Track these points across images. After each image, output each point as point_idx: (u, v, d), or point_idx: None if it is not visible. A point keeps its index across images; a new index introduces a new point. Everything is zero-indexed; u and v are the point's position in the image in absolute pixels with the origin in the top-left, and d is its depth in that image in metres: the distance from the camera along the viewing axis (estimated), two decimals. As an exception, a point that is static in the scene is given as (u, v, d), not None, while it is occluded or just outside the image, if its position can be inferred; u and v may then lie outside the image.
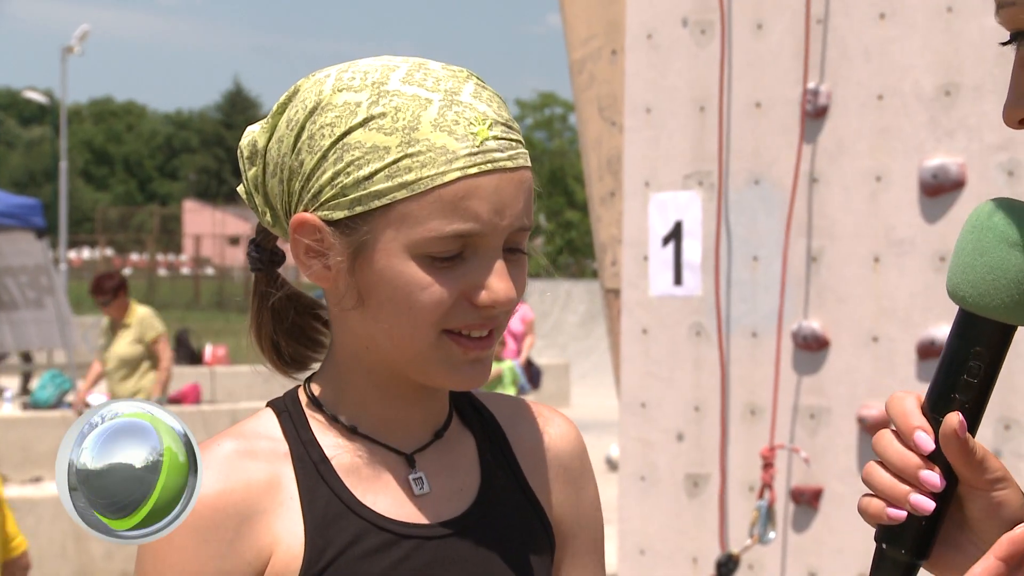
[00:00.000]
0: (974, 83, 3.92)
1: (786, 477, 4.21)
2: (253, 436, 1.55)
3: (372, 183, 1.50)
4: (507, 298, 1.51)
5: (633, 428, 4.49)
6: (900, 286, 4.03)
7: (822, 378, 4.16)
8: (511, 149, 1.53)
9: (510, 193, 1.52)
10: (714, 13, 4.34)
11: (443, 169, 1.49)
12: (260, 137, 1.59)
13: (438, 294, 1.50)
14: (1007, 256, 1.26)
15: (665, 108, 4.45)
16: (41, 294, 11.53)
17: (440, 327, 1.51)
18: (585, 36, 4.71)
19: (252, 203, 1.61)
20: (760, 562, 4.24)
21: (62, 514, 9.28)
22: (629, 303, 4.52)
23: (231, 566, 1.49)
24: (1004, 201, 1.30)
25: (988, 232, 1.28)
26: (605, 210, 4.68)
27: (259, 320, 1.63)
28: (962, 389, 1.28)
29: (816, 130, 4.17)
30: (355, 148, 1.51)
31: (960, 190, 3.94)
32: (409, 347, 1.52)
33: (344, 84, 1.54)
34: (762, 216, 4.27)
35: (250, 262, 1.64)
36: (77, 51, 40.91)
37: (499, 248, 1.52)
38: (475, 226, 1.49)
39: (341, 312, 1.56)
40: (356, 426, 1.57)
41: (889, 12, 4.05)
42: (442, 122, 1.50)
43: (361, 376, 1.57)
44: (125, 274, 22.13)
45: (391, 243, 1.50)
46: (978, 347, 1.28)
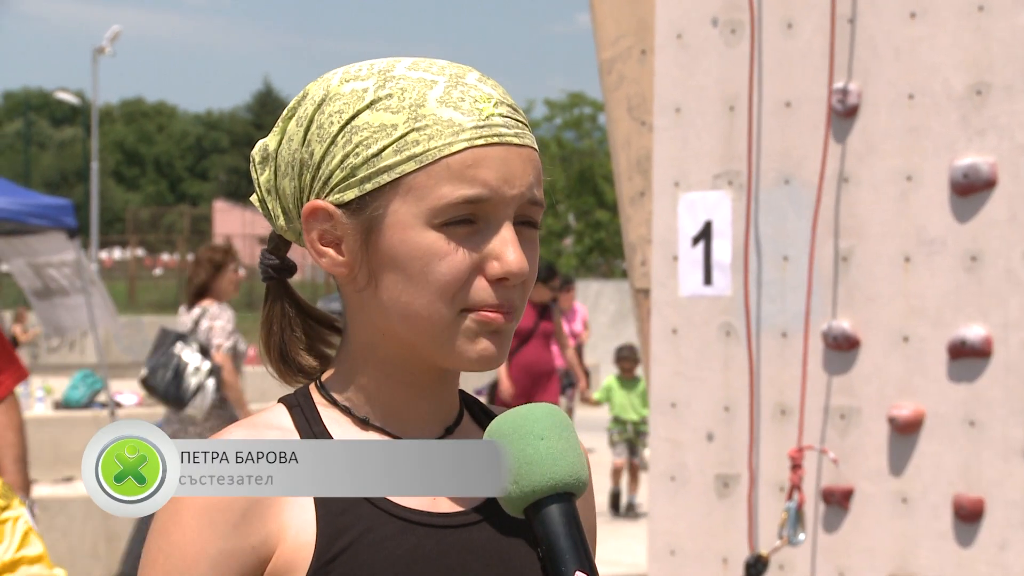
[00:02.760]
0: (1005, 82, 3.91)
1: (816, 477, 4.20)
2: (264, 426, 1.56)
3: (381, 159, 1.51)
4: (519, 268, 1.52)
5: (663, 428, 4.49)
6: (931, 286, 4.02)
7: (852, 378, 4.15)
8: (517, 128, 1.55)
9: (518, 165, 1.53)
10: (744, 12, 4.33)
11: (450, 140, 1.50)
12: (271, 141, 1.61)
13: (453, 263, 1.50)
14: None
15: (694, 108, 4.45)
16: (85, 284, 11.65)
17: (457, 305, 1.51)
18: (614, 36, 4.71)
19: (265, 209, 1.62)
20: (791, 562, 4.24)
21: (93, 513, 9.32)
22: (659, 303, 4.52)
23: (233, 547, 1.49)
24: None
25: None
26: (635, 210, 4.68)
27: (268, 328, 1.64)
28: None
29: (846, 129, 4.16)
30: (363, 129, 1.52)
31: (991, 189, 3.92)
32: (426, 325, 1.52)
33: (351, 76, 1.56)
34: (792, 216, 4.26)
35: (262, 271, 1.65)
36: (108, 52, 41.07)
37: (510, 218, 1.53)
38: (483, 191, 1.50)
39: (357, 299, 1.56)
40: (368, 418, 1.57)
41: (919, 11, 4.04)
42: (448, 99, 1.52)
43: (374, 367, 1.57)
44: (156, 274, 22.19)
45: (403, 215, 1.51)
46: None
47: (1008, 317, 3.90)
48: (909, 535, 4.05)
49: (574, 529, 1.48)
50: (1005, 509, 3.90)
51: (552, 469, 1.48)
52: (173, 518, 1.48)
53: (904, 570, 4.05)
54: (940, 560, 3.99)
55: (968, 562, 3.95)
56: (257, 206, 1.63)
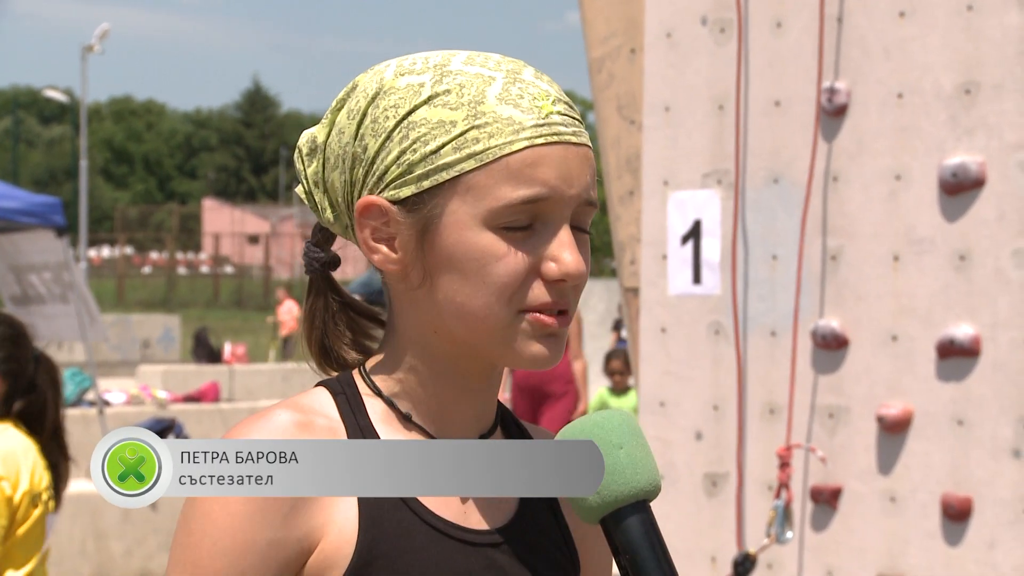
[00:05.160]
0: (994, 81, 3.91)
1: (804, 476, 4.20)
2: (311, 411, 1.53)
3: (439, 156, 1.49)
4: (577, 270, 1.50)
5: (652, 427, 4.49)
6: (920, 285, 4.03)
7: (841, 377, 4.16)
8: (575, 125, 1.53)
9: (576, 164, 1.51)
10: (733, 11, 4.33)
11: (511, 139, 1.48)
12: (320, 132, 1.59)
13: (511, 265, 1.49)
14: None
15: (684, 107, 4.45)
16: (65, 290, 11.59)
17: (515, 306, 1.50)
18: (604, 35, 4.71)
19: (311, 201, 1.60)
20: (779, 561, 4.24)
21: (82, 511, 9.31)
22: (648, 302, 4.52)
23: (283, 537, 1.47)
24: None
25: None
26: (624, 209, 4.68)
27: (311, 321, 1.62)
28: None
29: (836, 129, 4.17)
30: (421, 125, 1.50)
31: (980, 189, 3.93)
32: (482, 325, 1.50)
33: (405, 69, 1.54)
34: (781, 215, 4.26)
35: (306, 263, 1.63)
36: (97, 50, 41.01)
37: (567, 219, 1.51)
38: (543, 191, 1.48)
39: (409, 296, 1.54)
40: (411, 414, 1.55)
41: (909, 10, 4.05)
42: (507, 96, 1.50)
43: (423, 364, 1.55)
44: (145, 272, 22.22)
45: (461, 215, 1.49)
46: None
47: (997, 316, 3.90)
48: (898, 534, 4.05)
49: (655, 537, 1.47)
50: (994, 508, 3.91)
51: (634, 478, 1.47)
52: (220, 503, 1.46)
53: (893, 569, 4.06)
54: (929, 559, 4.00)
55: (957, 561, 3.96)
56: (303, 198, 1.61)
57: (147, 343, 27.05)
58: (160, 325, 28.23)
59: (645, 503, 1.48)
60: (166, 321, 28.82)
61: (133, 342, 26.52)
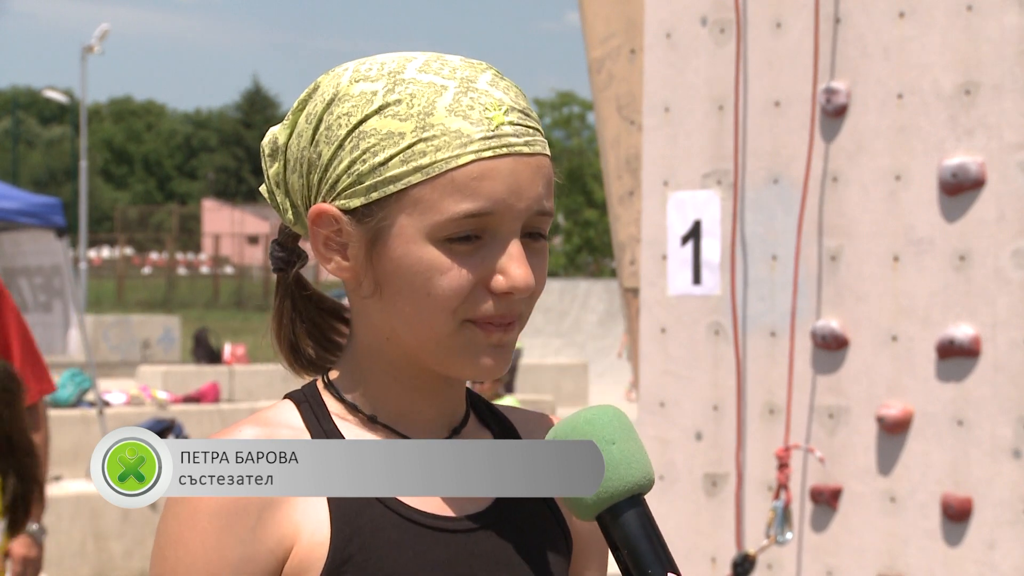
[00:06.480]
0: (994, 81, 3.91)
1: (803, 476, 4.20)
2: (275, 424, 1.54)
3: (387, 168, 1.49)
4: (524, 284, 1.50)
5: (651, 427, 4.49)
6: (919, 285, 4.03)
7: (841, 377, 4.16)
8: (527, 135, 1.52)
9: (527, 176, 1.50)
10: (732, 12, 4.33)
11: (457, 152, 1.48)
12: (281, 134, 1.59)
13: (456, 279, 1.49)
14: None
15: (684, 107, 4.45)
16: (51, 297, 11.55)
17: (460, 316, 1.50)
18: (604, 35, 4.71)
19: (274, 201, 1.61)
20: (779, 561, 4.24)
21: (81, 512, 9.31)
22: (648, 302, 4.52)
23: (253, 551, 1.48)
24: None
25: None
26: (624, 209, 4.68)
27: (279, 320, 1.63)
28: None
29: (835, 129, 4.17)
30: (371, 135, 1.50)
31: (980, 189, 3.93)
32: (429, 335, 1.51)
33: (361, 75, 1.53)
34: (780, 215, 4.26)
35: (272, 262, 1.64)
36: (97, 50, 40.98)
37: (516, 232, 1.51)
38: (488, 205, 1.48)
39: (361, 304, 1.55)
40: (375, 416, 1.56)
41: (908, 10, 4.05)
42: (457, 107, 1.49)
43: (381, 368, 1.56)
44: (145, 273, 22.23)
45: (407, 228, 1.49)
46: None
47: (996, 316, 3.90)
48: (897, 534, 4.05)
49: (652, 530, 1.48)
50: (993, 508, 3.91)
51: (628, 473, 1.47)
52: (189, 524, 1.47)
53: (892, 569, 4.06)
54: (928, 559, 4.00)
55: (956, 561, 3.96)
56: (266, 197, 1.62)
57: (147, 344, 27.08)
58: (160, 326, 28.26)
59: (640, 496, 1.48)
60: (166, 322, 28.85)
61: (133, 343, 26.55)
